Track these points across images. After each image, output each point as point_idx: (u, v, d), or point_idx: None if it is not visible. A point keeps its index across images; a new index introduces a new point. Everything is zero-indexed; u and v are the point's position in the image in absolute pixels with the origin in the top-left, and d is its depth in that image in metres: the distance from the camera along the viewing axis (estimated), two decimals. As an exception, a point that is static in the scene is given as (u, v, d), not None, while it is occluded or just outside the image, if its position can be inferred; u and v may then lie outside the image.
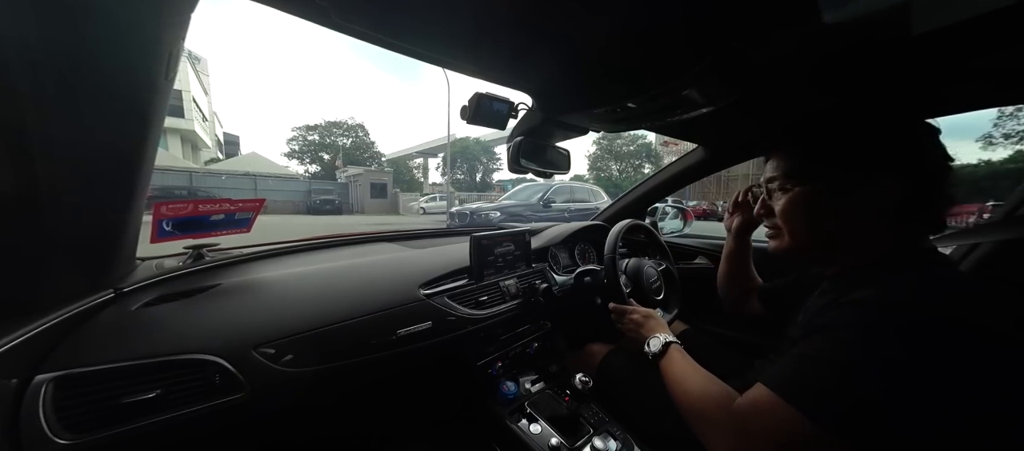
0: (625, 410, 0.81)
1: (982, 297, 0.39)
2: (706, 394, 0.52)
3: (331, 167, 27.61)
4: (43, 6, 0.34)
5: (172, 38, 0.42)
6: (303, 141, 30.64)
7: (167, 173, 13.26)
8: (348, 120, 31.39)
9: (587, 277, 1.00)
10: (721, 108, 0.69)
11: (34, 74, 0.36)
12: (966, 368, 0.35)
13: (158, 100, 0.47)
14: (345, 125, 31.26)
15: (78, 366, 0.46)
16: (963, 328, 0.36)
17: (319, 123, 30.72)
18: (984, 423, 0.36)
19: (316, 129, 30.53)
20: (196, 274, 0.70)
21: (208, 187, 13.91)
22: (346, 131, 31.33)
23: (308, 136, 30.59)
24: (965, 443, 0.37)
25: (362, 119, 35.16)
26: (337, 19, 0.47)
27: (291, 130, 31.76)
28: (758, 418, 0.42)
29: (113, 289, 0.58)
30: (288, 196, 16.69)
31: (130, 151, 0.48)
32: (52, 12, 0.34)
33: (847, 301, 0.42)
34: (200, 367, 0.53)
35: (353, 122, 32.08)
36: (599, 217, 1.51)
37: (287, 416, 0.65)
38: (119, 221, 0.54)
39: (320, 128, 30.56)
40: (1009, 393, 0.36)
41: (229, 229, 0.77)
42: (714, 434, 0.47)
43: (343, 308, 0.69)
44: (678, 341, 0.65)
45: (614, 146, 29.22)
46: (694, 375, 0.57)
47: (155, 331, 0.54)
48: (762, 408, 0.42)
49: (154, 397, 0.49)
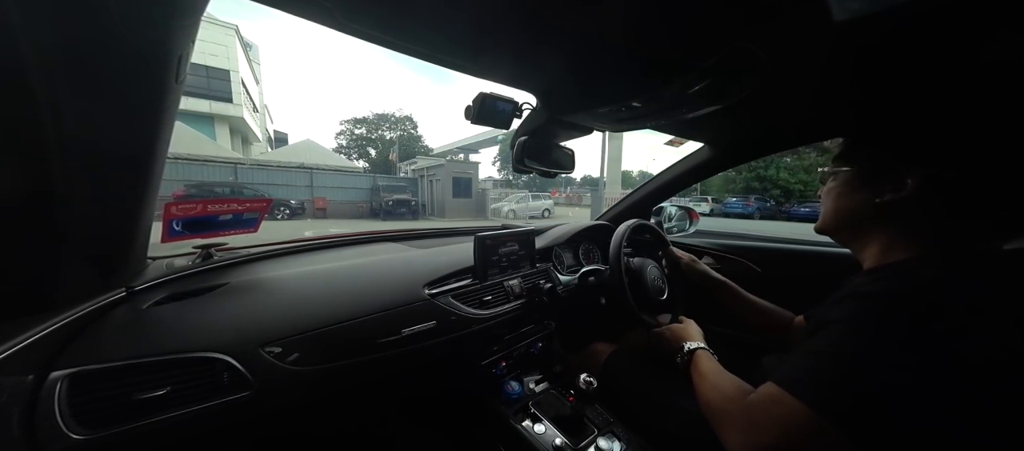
0: (630, 409, 0.81)
1: (999, 299, 0.38)
2: (720, 390, 0.53)
3: (384, 161, 25.48)
4: (57, 11, 0.34)
5: (182, 41, 0.43)
6: (350, 135, 28.95)
7: (208, 165, 10.82)
8: (396, 112, 30.03)
9: (591, 277, 1.00)
10: (729, 106, 0.68)
11: (49, 78, 0.37)
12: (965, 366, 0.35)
13: (168, 102, 0.47)
14: (393, 118, 29.67)
15: (92, 363, 0.47)
16: (964, 326, 0.36)
17: (367, 116, 29.19)
18: (983, 418, 0.36)
19: (363, 122, 28.94)
20: (205, 273, 0.71)
21: (256, 183, 11.42)
22: (393, 124, 29.71)
23: (355, 130, 28.96)
24: (968, 438, 0.36)
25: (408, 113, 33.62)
26: (341, 20, 0.47)
27: (339, 124, 31.21)
28: (768, 412, 0.43)
29: (125, 288, 0.59)
30: (350, 195, 13.53)
31: (141, 152, 0.49)
32: (65, 16, 0.35)
33: (853, 293, 0.42)
34: (209, 365, 0.54)
35: (401, 114, 30.47)
36: (604, 217, 1.50)
37: (293, 413, 0.66)
38: (131, 221, 0.55)
39: (368, 121, 29.01)
40: (1006, 391, 0.35)
41: (237, 229, 0.78)
42: (727, 428, 0.48)
43: (348, 307, 0.70)
44: (704, 346, 0.67)
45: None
46: (713, 374, 0.58)
47: (165, 329, 0.55)
48: (771, 402, 0.42)
49: (165, 394, 0.50)
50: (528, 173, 0.93)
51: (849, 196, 0.51)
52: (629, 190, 1.60)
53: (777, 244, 1.30)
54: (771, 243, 1.32)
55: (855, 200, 0.50)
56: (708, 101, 0.67)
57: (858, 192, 0.49)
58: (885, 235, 0.47)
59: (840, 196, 0.52)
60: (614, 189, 25.42)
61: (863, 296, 0.41)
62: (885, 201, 0.46)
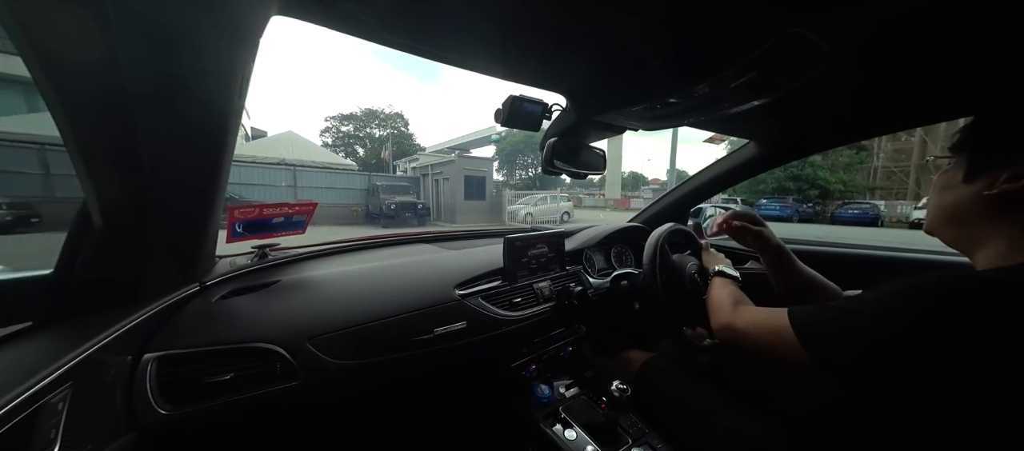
0: (667, 422, 0.77)
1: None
2: (730, 294, 0.65)
3: (375, 160, 23.74)
4: (151, 47, 0.40)
5: (244, 61, 0.48)
6: (337, 133, 26.86)
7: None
8: (385, 108, 27.78)
9: (624, 281, 0.96)
10: (778, 99, 0.62)
11: (142, 99, 0.42)
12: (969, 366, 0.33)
13: (233, 116, 0.53)
14: (382, 114, 27.61)
15: (174, 348, 0.54)
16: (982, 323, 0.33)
17: (355, 112, 27.08)
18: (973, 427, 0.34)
19: (351, 119, 26.77)
20: (261, 271, 0.79)
21: (230, 182, 8.75)
22: (383, 121, 27.64)
23: (342, 127, 26.84)
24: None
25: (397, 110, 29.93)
26: (379, 32, 0.50)
27: (324, 120, 28.20)
28: (758, 314, 0.54)
29: (198, 283, 0.67)
30: (341, 197, 11.52)
31: (213, 161, 0.55)
32: (157, 51, 0.41)
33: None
34: (265, 355, 0.59)
35: (391, 111, 28.17)
36: (638, 219, 1.44)
37: (334, 403, 0.70)
38: (203, 223, 0.62)
39: (355, 118, 26.86)
40: None
41: (287, 230, 0.85)
42: (716, 312, 0.62)
43: (386, 305, 0.73)
44: (726, 271, 0.74)
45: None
46: (726, 291, 0.66)
47: (230, 321, 0.62)
48: (769, 313, 0.51)
49: (230, 379, 0.56)
50: (557, 174, 0.91)
51: (954, 189, 0.44)
52: (629, 192, 1.51)
53: (853, 250, 1.14)
54: (844, 249, 1.16)
55: (962, 193, 0.43)
56: (756, 94, 0.62)
57: (967, 184, 0.43)
58: (1005, 238, 0.40)
59: (944, 189, 0.46)
60: (614, 190, 24.19)
61: (915, 277, 0.39)
62: (994, 193, 0.39)
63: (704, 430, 0.68)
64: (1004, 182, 0.39)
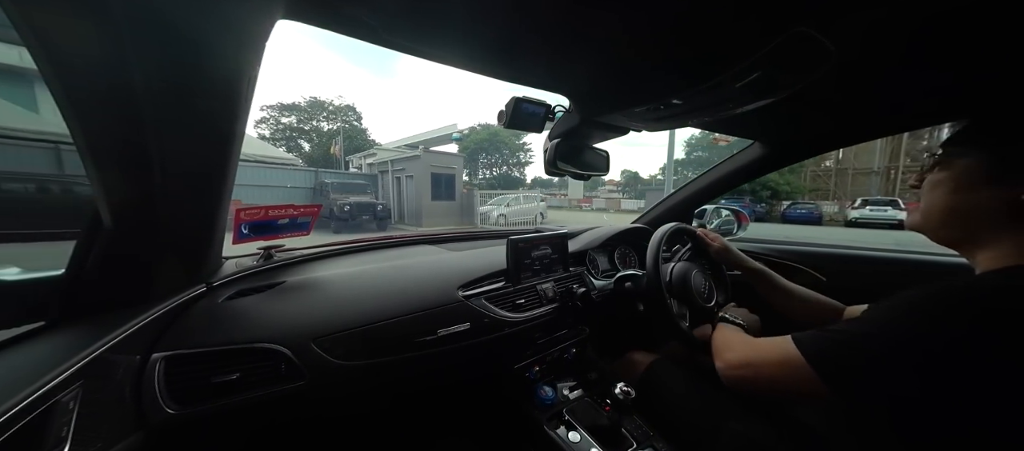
0: (672, 425, 0.76)
1: None
2: (738, 335, 0.65)
3: (323, 156, 20.06)
4: (159, 46, 0.41)
5: (250, 64, 0.48)
6: (276, 125, 23.56)
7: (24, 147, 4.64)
8: (335, 100, 24.31)
9: (628, 282, 0.96)
10: (783, 100, 0.62)
11: (151, 99, 0.43)
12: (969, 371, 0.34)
13: (240, 119, 0.54)
14: (331, 106, 24.32)
15: (182, 348, 0.55)
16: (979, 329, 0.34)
17: (298, 102, 23.52)
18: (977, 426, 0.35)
19: (294, 110, 23.48)
20: (266, 272, 0.80)
21: None
22: (332, 114, 24.45)
23: (282, 118, 23.52)
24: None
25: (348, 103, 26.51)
26: (384, 35, 0.50)
27: (259, 110, 23.25)
28: (765, 345, 0.52)
29: (205, 283, 0.67)
30: (281, 197, 9.70)
31: (219, 164, 0.56)
32: (165, 51, 0.41)
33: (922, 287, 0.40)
34: (271, 355, 0.60)
35: (341, 103, 24.97)
36: (641, 220, 1.44)
37: (339, 405, 0.70)
38: (210, 224, 0.63)
39: (299, 109, 23.66)
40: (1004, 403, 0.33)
41: (292, 232, 0.86)
42: (725, 351, 0.60)
43: (389, 307, 0.74)
44: (729, 318, 0.72)
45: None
46: (729, 332, 0.67)
47: (237, 321, 0.62)
48: (775, 342, 0.50)
49: (236, 378, 0.56)
50: (561, 175, 0.91)
51: (971, 191, 0.43)
52: (591, 192, 1.51)
53: (842, 250, 1.18)
54: (834, 249, 1.20)
55: (980, 196, 0.42)
56: (761, 94, 0.61)
57: (984, 186, 0.41)
58: (1011, 241, 0.40)
59: (957, 190, 0.44)
60: (576, 190, 23.86)
61: (920, 289, 0.39)
62: (998, 199, 0.39)
63: (711, 433, 0.68)
64: (989, 189, 0.39)
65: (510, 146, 28.81)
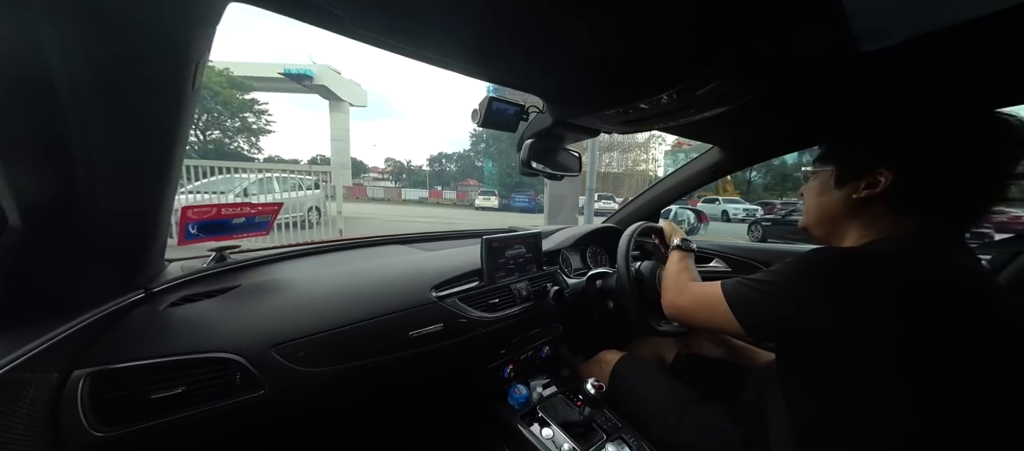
0: (640, 416, 0.80)
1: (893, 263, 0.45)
2: (677, 277, 0.73)
3: None
4: (85, 23, 0.36)
5: (199, 51, 0.44)
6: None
7: None
8: None
9: (598, 280, 0.99)
10: (737, 108, 0.67)
11: (75, 86, 0.38)
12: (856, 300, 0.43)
13: (185, 109, 0.49)
14: None
15: (112, 362, 0.49)
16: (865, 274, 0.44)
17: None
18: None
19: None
20: (219, 275, 0.73)
21: None
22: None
23: None
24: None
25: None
26: (351, 27, 0.48)
27: None
28: (699, 289, 0.64)
29: (144, 289, 0.61)
30: None
31: (160, 157, 0.51)
32: (93, 28, 0.37)
33: None
34: (222, 365, 0.55)
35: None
36: (611, 220, 1.49)
37: (304, 413, 0.66)
38: (150, 224, 0.57)
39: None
40: None
41: (250, 232, 0.80)
42: (666, 293, 0.72)
43: (357, 309, 0.71)
44: (683, 246, 0.81)
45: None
46: (682, 270, 0.75)
47: (181, 330, 0.57)
48: (707, 286, 0.61)
49: (180, 393, 0.51)
50: (535, 175, 0.92)
51: (829, 193, 0.55)
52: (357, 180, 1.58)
53: (786, 246, 1.33)
54: (780, 246, 1.34)
55: (834, 196, 0.54)
56: (717, 103, 0.66)
57: (837, 189, 0.54)
58: (858, 228, 0.52)
59: (821, 193, 0.57)
60: (343, 175, 22.71)
61: (800, 256, 0.50)
62: (861, 197, 0.50)
63: (675, 420, 0.72)
64: (864, 188, 0.50)
65: (229, 102, 18.53)
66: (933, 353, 0.40)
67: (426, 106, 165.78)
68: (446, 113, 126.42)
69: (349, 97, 26.30)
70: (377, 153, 62.41)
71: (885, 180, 0.48)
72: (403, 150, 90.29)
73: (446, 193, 28.32)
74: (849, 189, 0.52)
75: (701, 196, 16.05)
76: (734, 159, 1.17)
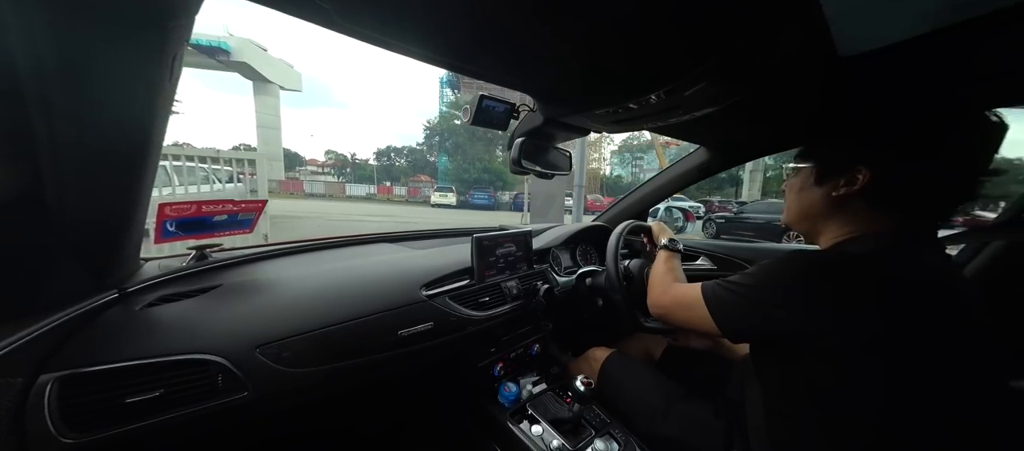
0: (628, 412, 0.81)
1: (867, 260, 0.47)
2: (662, 277, 0.74)
3: None
4: (51, 12, 0.34)
5: (176, 41, 0.43)
6: None
7: None
8: None
9: (588, 278, 1.00)
10: (724, 109, 0.68)
11: (41, 78, 0.36)
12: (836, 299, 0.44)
13: (161, 102, 0.47)
14: None
15: (83, 366, 0.47)
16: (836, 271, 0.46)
17: None
18: None
19: None
20: (199, 274, 0.71)
21: None
22: None
23: None
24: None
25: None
26: (338, 21, 0.47)
27: None
28: (681, 291, 0.64)
29: (117, 289, 0.58)
30: None
31: (134, 152, 0.49)
32: (59, 18, 0.35)
33: None
34: (203, 367, 0.53)
35: None
36: (601, 218, 1.51)
37: (291, 415, 0.65)
38: (123, 221, 0.55)
39: None
40: None
41: (232, 230, 0.77)
42: (651, 292, 0.72)
43: (345, 309, 0.69)
44: (670, 246, 0.82)
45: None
46: (671, 273, 0.75)
47: (158, 331, 0.55)
48: (688, 288, 0.61)
49: (157, 396, 0.49)
50: (525, 173, 0.92)
51: (809, 190, 0.56)
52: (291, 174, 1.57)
53: (767, 245, 1.37)
54: (762, 245, 1.39)
55: (814, 193, 0.55)
56: (704, 103, 0.67)
57: (817, 186, 0.55)
58: (837, 224, 0.54)
59: (801, 190, 0.58)
60: (276, 168, 19.78)
61: (782, 256, 0.51)
62: (840, 194, 0.51)
63: (661, 414, 0.73)
64: (843, 186, 0.51)
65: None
66: (906, 350, 0.42)
67: (371, 96, 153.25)
68: (394, 105, 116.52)
69: (278, 79, 23.91)
70: (316, 144, 58.20)
71: (863, 178, 0.49)
72: (346, 142, 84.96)
73: (397, 189, 27.09)
74: (829, 186, 0.53)
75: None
76: (720, 159, 1.20)
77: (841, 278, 0.45)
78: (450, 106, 27.33)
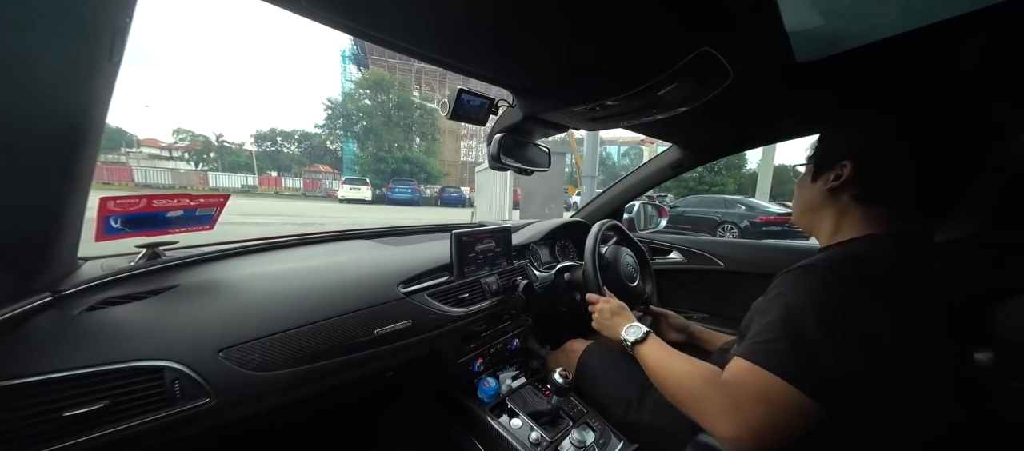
0: (604, 401, 0.84)
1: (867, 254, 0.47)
2: (694, 374, 0.52)
3: None
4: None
5: (115, 15, 0.38)
6: None
7: None
8: None
9: (566, 273, 1.02)
10: (695, 109, 0.71)
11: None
12: (861, 308, 0.43)
13: (101, 84, 0.42)
14: None
15: (10, 378, 0.42)
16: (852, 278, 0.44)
17: None
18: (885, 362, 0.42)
19: None
20: (151, 275, 0.65)
21: None
22: None
23: None
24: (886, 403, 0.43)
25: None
26: (306, 5, 0.44)
27: None
28: (744, 388, 0.44)
29: (50, 292, 0.52)
30: None
31: (68, 139, 0.44)
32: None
33: (785, 271, 0.50)
34: (156, 374, 0.49)
35: None
36: (578, 214, 1.54)
37: (261, 420, 0.62)
38: (55, 217, 0.49)
39: None
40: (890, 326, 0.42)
41: (190, 226, 0.71)
42: (711, 408, 0.47)
43: (316, 308, 0.67)
44: (642, 332, 0.66)
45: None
46: (678, 358, 0.58)
47: (101, 337, 0.50)
48: (743, 378, 0.44)
49: (101, 408, 0.45)
50: (505, 169, 0.92)
51: (808, 186, 0.59)
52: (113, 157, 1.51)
53: (738, 241, 1.45)
54: (732, 241, 1.44)
55: (812, 189, 0.58)
56: (677, 103, 0.70)
57: (814, 182, 0.57)
58: (831, 220, 0.55)
59: (802, 186, 0.61)
60: None
61: (789, 269, 0.49)
62: (830, 187, 0.53)
63: (636, 403, 0.76)
64: (833, 180, 0.53)
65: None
66: (891, 349, 0.42)
67: (201, 54, 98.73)
68: (268, 77, 78.44)
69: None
70: (155, 120, 45.36)
71: (847, 171, 0.50)
72: (207, 121, 65.96)
73: (289, 181, 22.15)
74: (821, 181, 0.55)
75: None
76: (691, 157, 1.26)
77: (844, 291, 0.43)
78: (359, 84, 21.34)
